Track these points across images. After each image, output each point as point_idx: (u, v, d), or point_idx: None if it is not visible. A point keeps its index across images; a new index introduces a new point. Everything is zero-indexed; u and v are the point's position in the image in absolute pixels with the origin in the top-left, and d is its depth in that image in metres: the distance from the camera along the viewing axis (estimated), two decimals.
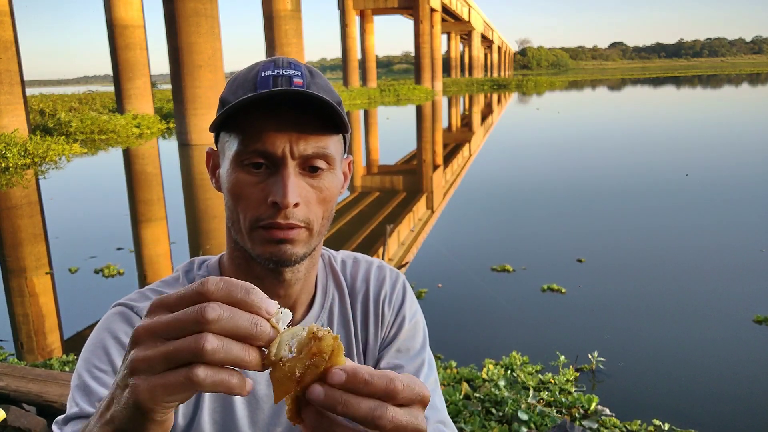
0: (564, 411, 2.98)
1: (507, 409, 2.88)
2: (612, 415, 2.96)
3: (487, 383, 3.12)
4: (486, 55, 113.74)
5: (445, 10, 55.53)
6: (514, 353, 3.52)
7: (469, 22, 67.70)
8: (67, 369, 3.51)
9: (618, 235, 6.77)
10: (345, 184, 0.88)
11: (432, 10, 44.52)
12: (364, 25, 44.74)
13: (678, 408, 3.21)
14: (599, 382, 3.51)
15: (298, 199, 0.76)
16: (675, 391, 3.42)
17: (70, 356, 3.77)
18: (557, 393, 3.11)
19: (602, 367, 3.64)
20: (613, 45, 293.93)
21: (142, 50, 22.59)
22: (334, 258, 0.98)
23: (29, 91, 27.00)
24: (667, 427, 2.91)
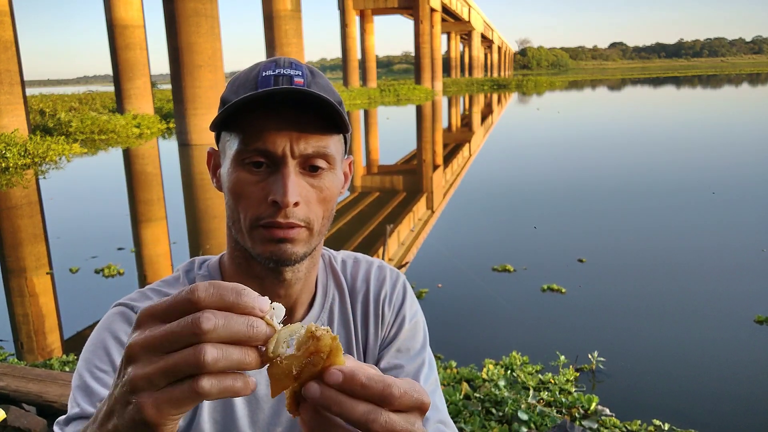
0: (564, 411, 2.98)
1: (507, 409, 2.88)
2: (612, 415, 2.96)
3: (487, 383, 3.12)
4: (486, 55, 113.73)
5: (445, 10, 55.54)
6: (514, 353, 3.51)
7: (469, 22, 67.71)
8: (67, 369, 3.51)
9: (619, 235, 6.78)
10: (346, 185, 0.88)
11: (432, 10, 44.53)
12: (364, 25, 44.75)
13: (678, 408, 3.21)
14: (599, 382, 3.51)
15: (298, 198, 0.76)
16: (675, 391, 3.41)
17: (70, 356, 3.77)
18: (557, 393, 3.11)
19: (602, 367, 3.64)
20: (613, 45, 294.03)
21: (142, 50, 22.60)
22: (334, 258, 0.98)
23: (29, 91, 27.00)
24: (667, 427, 2.91)
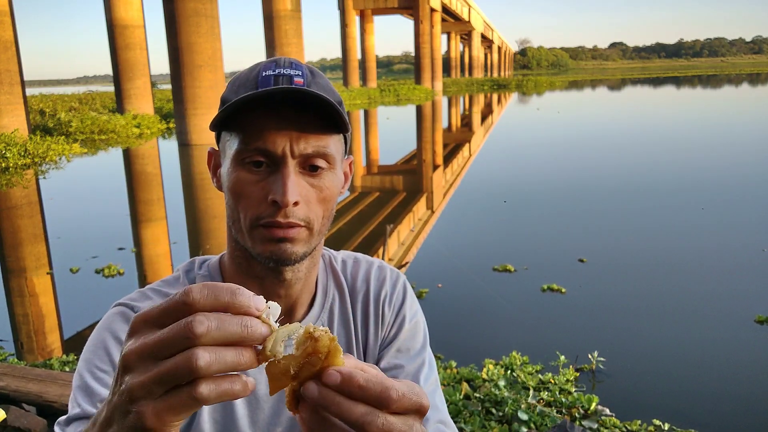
0: (564, 411, 2.98)
1: (507, 409, 2.88)
2: (612, 415, 2.96)
3: (487, 383, 3.12)
4: (486, 55, 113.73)
5: (445, 10, 55.54)
6: (514, 353, 3.51)
7: (469, 22, 67.71)
8: (67, 369, 3.51)
9: (619, 235, 6.77)
10: (346, 185, 0.88)
11: (432, 10, 44.52)
12: (364, 25, 44.75)
13: (678, 408, 3.21)
14: (599, 382, 3.51)
15: (297, 198, 0.76)
16: (675, 391, 3.41)
17: (70, 356, 3.77)
18: (557, 393, 3.11)
19: (602, 367, 3.64)
20: (613, 45, 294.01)
21: (142, 50, 22.61)
22: (334, 258, 0.98)
23: (29, 91, 27.01)
24: (667, 427, 2.91)
